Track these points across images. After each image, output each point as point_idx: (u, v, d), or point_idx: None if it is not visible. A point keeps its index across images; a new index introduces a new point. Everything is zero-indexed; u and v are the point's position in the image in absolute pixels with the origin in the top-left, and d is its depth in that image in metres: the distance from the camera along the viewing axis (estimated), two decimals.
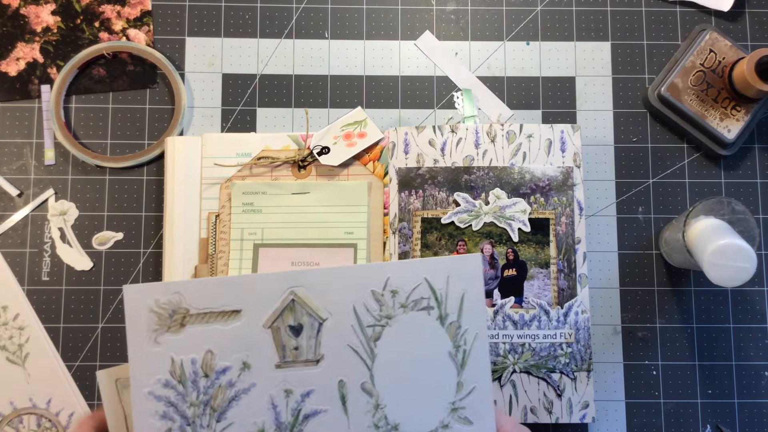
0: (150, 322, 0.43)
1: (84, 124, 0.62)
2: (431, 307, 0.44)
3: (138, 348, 0.43)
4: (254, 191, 0.59)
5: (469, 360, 0.44)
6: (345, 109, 0.63)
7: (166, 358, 0.43)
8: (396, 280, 0.44)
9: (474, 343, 0.44)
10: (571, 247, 0.57)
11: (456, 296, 0.44)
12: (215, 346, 0.44)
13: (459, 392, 0.44)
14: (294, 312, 0.44)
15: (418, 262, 0.45)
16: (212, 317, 0.44)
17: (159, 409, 0.43)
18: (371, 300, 0.44)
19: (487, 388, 0.44)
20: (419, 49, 0.64)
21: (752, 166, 0.62)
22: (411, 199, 0.58)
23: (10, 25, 0.63)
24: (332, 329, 0.44)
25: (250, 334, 0.44)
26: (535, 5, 0.64)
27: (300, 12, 0.64)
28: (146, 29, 0.63)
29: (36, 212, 0.61)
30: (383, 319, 0.44)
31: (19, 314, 0.59)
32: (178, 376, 0.43)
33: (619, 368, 0.60)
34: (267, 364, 0.44)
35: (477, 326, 0.44)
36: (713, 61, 0.61)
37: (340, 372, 0.44)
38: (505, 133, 0.59)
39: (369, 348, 0.44)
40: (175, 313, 0.43)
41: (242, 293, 0.44)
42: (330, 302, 0.44)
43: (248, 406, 0.44)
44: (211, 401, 0.43)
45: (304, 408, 0.44)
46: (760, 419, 0.59)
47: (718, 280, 0.50)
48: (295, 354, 0.44)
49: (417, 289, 0.44)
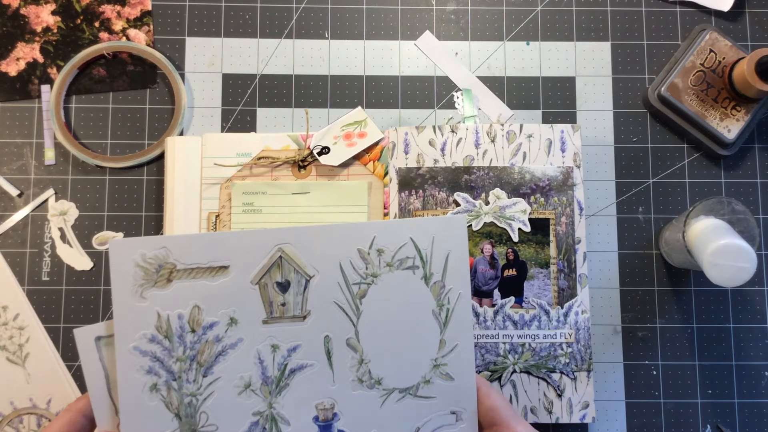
0: (136, 277, 0.43)
1: (84, 124, 0.62)
2: (416, 266, 0.45)
3: (123, 303, 0.43)
4: (254, 191, 0.59)
5: (452, 319, 0.45)
6: (345, 109, 0.63)
7: (152, 312, 0.43)
8: (382, 239, 0.45)
9: (457, 302, 0.45)
10: (571, 247, 0.57)
11: (441, 256, 0.45)
12: (202, 302, 0.44)
13: (441, 349, 0.45)
14: (281, 268, 0.44)
15: (404, 222, 0.46)
16: (199, 273, 0.44)
17: (144, 364, 0.43)
18: (357, 258, 0.45)
19: (468, 346, 0.45)
20: (419, 49, 0.64)
21: (752, 166, 0.62)
22: (411, 199, 0.58)
23: (10, 25, 0.63)
24: (319, 286, 0.45)
25: (237, 289, 0.44)
26: (535, 5, 0.64)
27: (300, 12, 0.64)
28: (146, 29, 0.63)
29: (36, 212, 0.61)
30: (369, 277, 0.45)
31: (19, 314, 0.59)
32: (164, 331, 0.44)
33: (619, 368, 0.60)
34: (254, 319, 0.44)
35: (460, 286, 0.45)
36: (713, 61, 0.61)
37: (326, 328, 0.45)
38: (505, 133, 0.59)
39: (355, 305, 0.45)
40: (162, 267, 0.43)
41: (230, 249, 0.44)
42: (317, 259, 0.45)
43: (235, 360, 0.44)
44: (197, 356, 0.44)
45: (290, 362, 0.45)
46: (760, 419, 0.59)
47: (718, 280, 0.50)
48: (282, 310, 0.45)
49: (402, 248, 0.45)
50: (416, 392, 0.45)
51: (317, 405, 0.45)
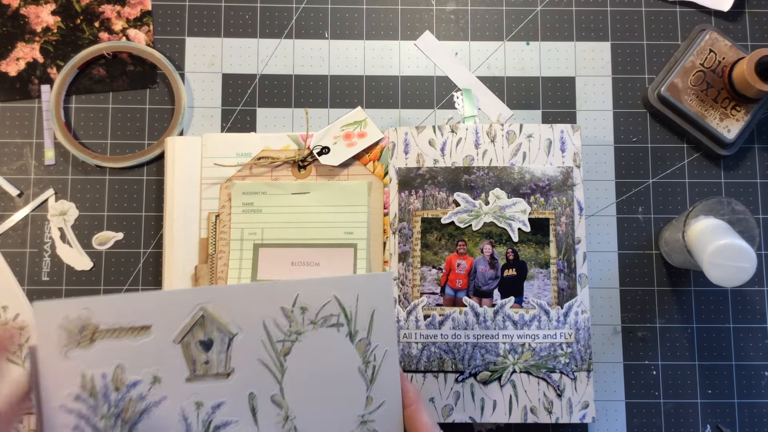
0: (60, 338, 0.44)
1: (84, 124, 0.62)
2: (341, 323, 0.45)
3: (49, 363, 0.44)
4: (254, 191, 0.59)
5: (378, 375, 0.46)
6: (345, 109, 0.63)
7: (76, 372, 0.44)
8: (305, 297, 0.45)
9: (384, 360, 0.46)
10: (571, 247, 0.57)
11: (366, 313, 0.45)
12: (125, 361, 0.44)
13: (368, 406, 0.46)
14: (204, 327, 0.45)
15: (328, 280, 0.46)
16: (122, 333, 0.44)
17: (70, 421, 0.44)
18: (281, 316, 0.45)
19: (396, 403, 0.46)
20: (419, 49, 0.64)
21: (752, 166, 0.62)
22: (411, 199, 0.58)
23: (10, 25, 0.63)
24: (243, 344, 0.45)
25: (160, 348, 0.44)
26: (535, 5, 0.64)
27: (300, 12, 0.64)
28: (146, 29, 0.63)
29: (36, 212, 0.61)
30: (293, 335, 0.45)
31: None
32: (88, 390, 0.44)
33: (619, 368, 0.60)
34: (177, 377, 0.44)
35: (387, 343, 0.46)
36: (713, 61, 0.61)
37: (251, 385, 0.45)
38: (505, 133, 0.59)
39: (279, 362, 0.45)
40: (85, 328, 0.44)
41: (151, 310, 0.44)
42: (240, 318, 0.45)
43: (159, 418, 0.44)
44: (122, 413, 0.44)
45: (215, 419, 0.45)
46: (760, 419, 0.59)
47: (718, 280, 0.50)
48: (205, 368, 0.45)
49: (326, 306, 0.45)
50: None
51: None
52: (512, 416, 0.56)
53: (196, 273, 0.58)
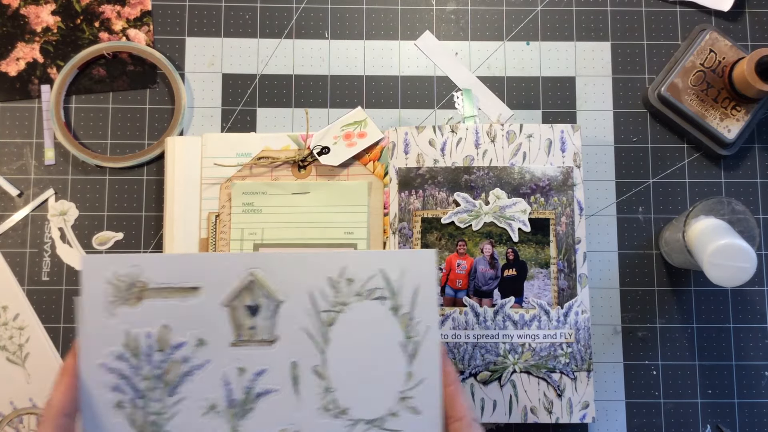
0: (106, 294, 0.43)
1: (84, 124, 0.62)
2: (385, 297, 0.45)
3: (92, 319, 0.43)
4: (254, 191, 0.59)
5: (419, 351, 0.45)
6: (345, 109, 0.63)
7: (120, 330, 0.43)
8: (352, 269, 0.45)
9: (425, 336, 0.45)
10: (571, 247, 0.57)
11: (410, 289, 0.45)
12: (171, 321, 0.44)
13: (408, 382, 0.45)
14: (252, 292, 0.45)
15: (375, 254, 0.46)
16: (170, 293, 0.44)
17: (110, 381, 0.43)
18: (327, 286, 0.45)
19: (435, 381, 0.45)
20: (419, 49, 0.64)
21: (752, 166, 0.62)
22: (411, 199, 0.58)
23: (10, 25, 0.63)
24: (288, 312, 0.45)
25: (207, 311, 0.44)
26: (535, 5, 0.64)
27: (300, 12, 0.64)
28: (146, 29, 0.63)
29: (36, 212, 0.61)
30: (338, 306, 0.45)
31: (19, 314, 0.59)
32: (132, 350, 0.43)
33: (619, 368, 0.60)
34: (222, 341, 0.44)
35: (429, 319, 0.45)
36: (713, 61, 0.61)
37: (294, 354, 0.45)
38: (505, 133, 0.59)
39: (323, 333, 0.45)
40: (133, 286, 0.43)
41: (202, 271, 0.44)
42: (287, 286, 0.45)
43: (201, 381, 0.44)
44: (164, 375, 0.44)
45: (256, 386, 0.44)
46: (760, 419, 0.59)
47: (718, 280, 0.50)
48: (250, 333, 0.44)
49: (372, 279, 0.45)
50: (382, 425, 0.45)
51: (281, 431, 0.44)
52: (512, 416, 0.56)
53: None
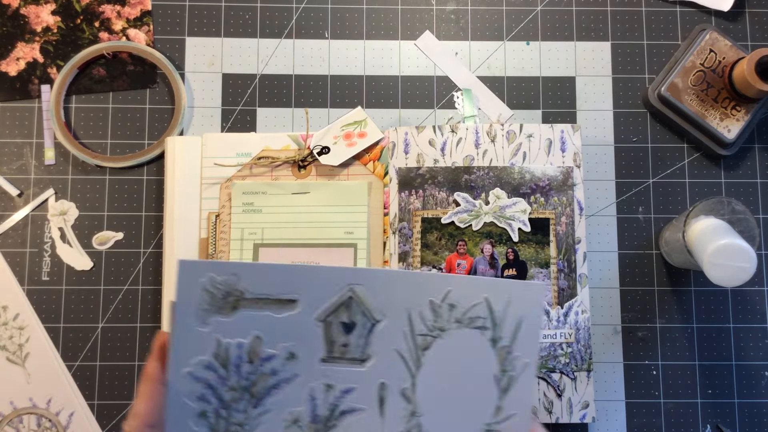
0: (201, 301, 0.42)
1: (84, 124, 0.62)
2: (486, 327, 0.44)
3: (185, 326, 0.42)
4: (254, 191, 0.59)
5: (513, 387, 0.44)
6: (345, 109, 0.63)
7: (212, 339, 0.42)
8: (456, 295, 0.43)
9: (522, 372, 0.44)
10: (571, 247, 0.57)
11: (513, 321, 0.44)
12: (264, 333, 0.42)
13: (497, 416, 0.44)
14: (349, 309, 0.43)
15: (482, 281, 0.44)
16: (267, 304, 0.42)
17: (197, 390, 0.42)
18: (428, 310, 0.43)
19: (525, 418, 0.44)
20: (419, 49, 0.64)
21: (752, 166, 0.62)
22: (411, 199, 0.58)
23: (10, 25, 0.63)
24: (383, 332, 0.43)
25: (301, 324, 0.43)
26: (535, 5, 0.64)
27: (300, 12, 0.64)
28: (146, 29, 0.63)
29: (36, 212, 0.61)
30: (436, 330, 0.44)
31: (19, 314, 0.59)
32: (221, 360, 0.42)
33: (619, 368, 0.60)
34: (313, 356, 0.43)
35: (528, 355, 0.44)
36: (713, 61, 0.61)
37: (384, 375, 0.43)
38: (505, 133, 0.59)
39: (416, 356, 0.44)
40: (229, 294, 0.42)
41: (301, 283, 0.43)
42: (387, 305, 0.43)
43: (287, 395, 0.43)
44: (251, 387, 0.43)
45: (341, 404, 0.43)
46: (760, 419, 0.59)
47: (718, 280, 0.50)
48: (342, 351, 0.43)
49: (476, 307, 0.44)
50: None
51: None
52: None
53: None
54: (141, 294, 0.60)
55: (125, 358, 0.59)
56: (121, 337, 0.60)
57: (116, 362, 0.59)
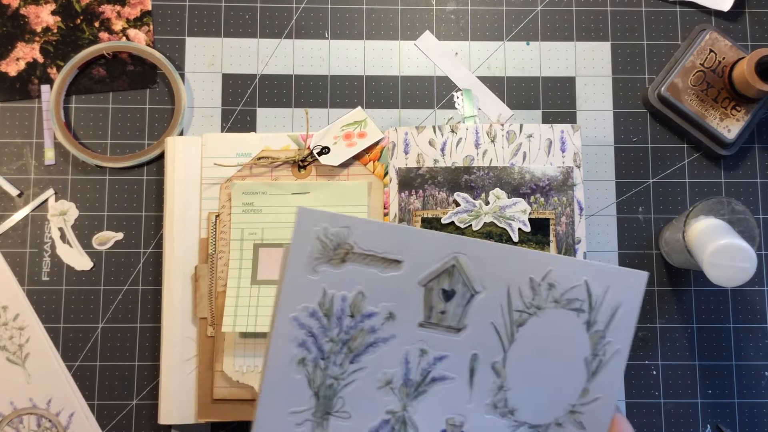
0: (314, 249, 0.43)
1: (84, 124, 0.62)
2: (582, 310, 0.44)
3: (296, 271, 0.43)
4: (254, 191, 0.59)
5: (602, 371, 0.44)
6: (345, 109, 0.63)
7: (319, 288, 0.44)
8: (557, 275, 0.44)
9: (612, 357, 0.44)
10: (571, 247, 0.57)
11: (610, 307, 0.44)
12: (368, 290, 0.44)
13: (582, 397, 0.44)
14: (451, 277, 0.44)
15: (583, 263, 0.45)
16: (373, 261, 0.44)
17: (299, 336, 0.44)
18: (527, 287, 0.44)
19: (611, 403, 0.44)
20: (419, 49, 0.64)
21: (752, 166, 0.62)
22: (411, 199, 0.58)
23: (10, 25, 0.63)
24: (481, 304, 0.44)
25: (403, 286, 0.44)
26: (535, 5, 0.64)
27: (300, 12, 0.64)
28: (146, 29, 0.63)
29: (36, 212, 0.61)
30: (532, 308, 0.44)
31: (19, 314, 0.59)
32: (325, 309, 0.44)
33: None
34: (411, 320, 0.44)
35: (621, 342, 0.44)
36: (713, 61, 0.61)
37: (477, 346, 0.44)
38: (505, 133, 0.59)
39: (510, 331, 0.44)
40: (340, 246, 0.44)
41: (407, 245, 0.44)
42: (487, 277, 0.44)
43: (383, 355, 0.44)
44: (349, 341, 0.44)
45: (433, 371, 0.44)
46: (760, 419, 0.59)
47: (718, 280, 0.50)
48: (440, 317, 0.44)
49: (574, 289, 0.44)
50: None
51: (448, 419, 0.44)
52: None
53: (196, 273, 0.58)
54: (141, 294, 0.60)
55: (125, 358, 0.59)
56: (121, 337, 0.60)
57: (116, 362, 0.59)
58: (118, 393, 0.59)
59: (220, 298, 0.57)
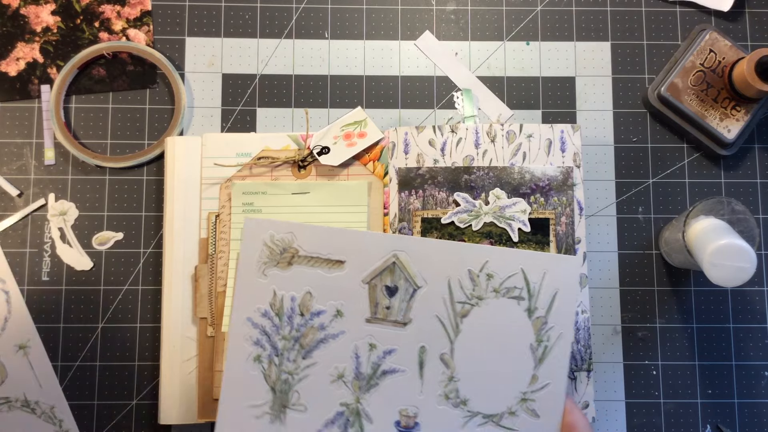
0: (262, 255, 0.47)
1: (84, 124, 0.62)
2: (522, 297, 0.46)
3: (247, 276, 0.47)
4: (254, 191, 0.59)
5: (548, 356, 0.46)
6: (345, 109, 0.63)
7: (269, 290, 0.47)
8: (494, 265, 0.46)
9: (557, 342, 0.46)
10: (571, 247, 0.57)
11: (548, 293, 0.46)
12: (315, 289, 0.47)
13: (532, 384, 0.46)
14: (393, 274, 0.47)
15: (519, 253, 0.47)
16: (318, 262, 0.47)
17: (254, 335, 0.47)
18: (466, 278, 0.46)
19: (560, 388, 0.45)
20: (419, 49, 0.64)
21: (752, 166, 0.62)
22: (411, 199, 0.58)
23: (10, 25, 0.63)
24: (424, 297, 0.46)
25: (348, 285, 0.47)
26: (535, 5, 0.64)
27: (300, 12, 0.64)
28: (146, 29, 0.63)
29: (36, 212, 0.61)
30: (474, 299, 0.46)
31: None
32: (276, 309, 0.47)
33: (619, 368, 0.60)
34: (358, 316, 0.47)
35: (563, 326, 0.46)
36: (713, 61, 0.61)
37: (424, 339, 0.46)
38: (505, 133, 0.59)
39: (455, 322, 0.46)
40: (286, 251, 0.47)
41: (349, 246, 0.47)
42: (428, 272, 0.46)
43: (334, 350, 0.47)
44: (301, 338, 0.47)
45: (383, 364, 0.46)
46: (760, 419, 0.59)
47: (718, 280, 0.50)
48: (385, 312, 0.47)
49: (512, 277, 0.46)
50: (499, 421, 0.46)
51: (401, 410, 0.46)
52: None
53: (196, 273, 0.58)
54: (141, 294, 0.60)
55: (125, 358, 0.59)
56: (121, 337, 0.60)
57: (116, 362, 0.59)
58: (118, 393, 0.59)
59: (220, 298, 0.57)
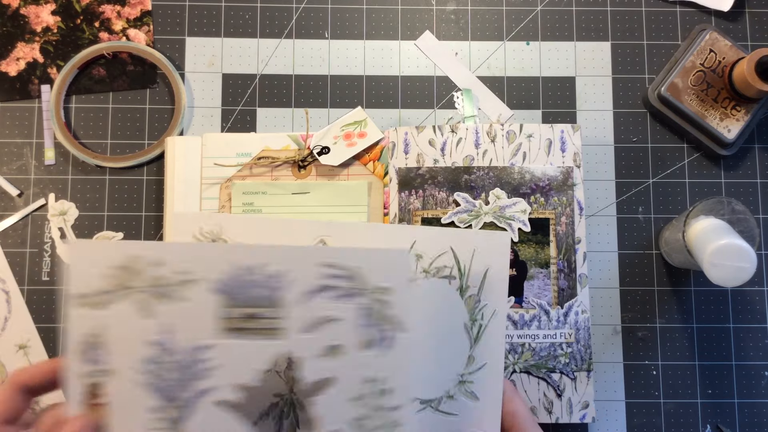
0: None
1: (84, 124, 0.62)
2: (453, 276, 0.45)
3: None
4: (254, 191, 0.59)
5: (483, 335, 0.44)
6: (345, 109, 0.63)
7: None
8: (422, 245, 0.44)
9: (491, 320, 0.44)
10: (571, 247, 0.57)
11: (479, 270, 0.45)
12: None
13: (469, 365, 0.44)
14: None
15: (447, 231, 0.45)
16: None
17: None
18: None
19: (498, 367, 0.44)
20: (419, 49, 0.64)
21: (752, 166, 0.62)
22: (411, 199, 0.58)
23: (10, 25, 0.63)
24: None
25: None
26: (535, 5, 0.64)
27: (300, 12, 0.64)
28: (146, 29, 0.63)
29: (36, 212, 0.61)
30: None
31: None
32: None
33: (619, 368, 0.60)
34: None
35: (497, 303, 0.44)
36: (713, 61, 0.61)
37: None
38: (505, 133, 0.59)
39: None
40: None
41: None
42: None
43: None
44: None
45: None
46: (760, 419, 0.59)
47: (718, 280, 0.50)
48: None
49: (441, 257, 0.45)
50: (438, 406, 0.44)
51: None
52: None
53: None
54: None
55: None
56: None
57: None
58: None
59: None
